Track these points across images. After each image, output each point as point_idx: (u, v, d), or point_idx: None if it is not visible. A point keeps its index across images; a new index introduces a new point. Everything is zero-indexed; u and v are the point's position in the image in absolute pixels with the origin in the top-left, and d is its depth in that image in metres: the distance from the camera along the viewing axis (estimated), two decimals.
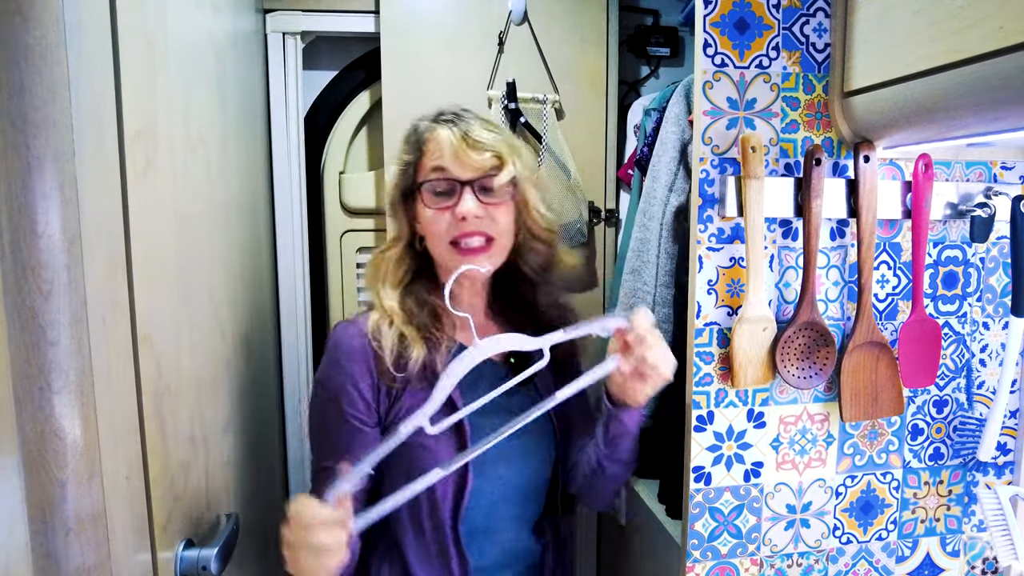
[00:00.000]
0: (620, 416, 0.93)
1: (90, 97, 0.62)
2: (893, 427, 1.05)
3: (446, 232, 0.95)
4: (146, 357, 0.74)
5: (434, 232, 0.96)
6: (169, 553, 0.79)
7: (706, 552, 1.01)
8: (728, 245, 0.97)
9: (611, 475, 0.99)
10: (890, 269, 1.01)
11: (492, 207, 0.95)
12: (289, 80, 1.46)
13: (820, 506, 1.04)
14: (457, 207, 0.93)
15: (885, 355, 0.99)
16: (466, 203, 0.93)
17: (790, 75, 0.95)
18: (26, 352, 0.57)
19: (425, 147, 0.96)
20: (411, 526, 0.96)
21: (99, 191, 0.64)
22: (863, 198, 0.94)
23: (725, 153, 0.95)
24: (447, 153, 0.94)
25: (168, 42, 0.84)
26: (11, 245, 0.56)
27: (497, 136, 0.96)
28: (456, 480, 0.94)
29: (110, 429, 0.64)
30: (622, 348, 0.86)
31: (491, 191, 0.95)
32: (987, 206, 0.98)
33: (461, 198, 0.93)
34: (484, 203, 0.94)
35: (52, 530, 0.59)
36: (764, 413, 1.00)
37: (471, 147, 0.93)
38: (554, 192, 1.48)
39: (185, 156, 0.90)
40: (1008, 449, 1.08)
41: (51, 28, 0.56)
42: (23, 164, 0.56)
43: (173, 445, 0.81)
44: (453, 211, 0.94)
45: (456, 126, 0.95)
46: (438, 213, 0.95)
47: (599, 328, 0.84)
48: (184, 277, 0.88)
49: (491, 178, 0.94)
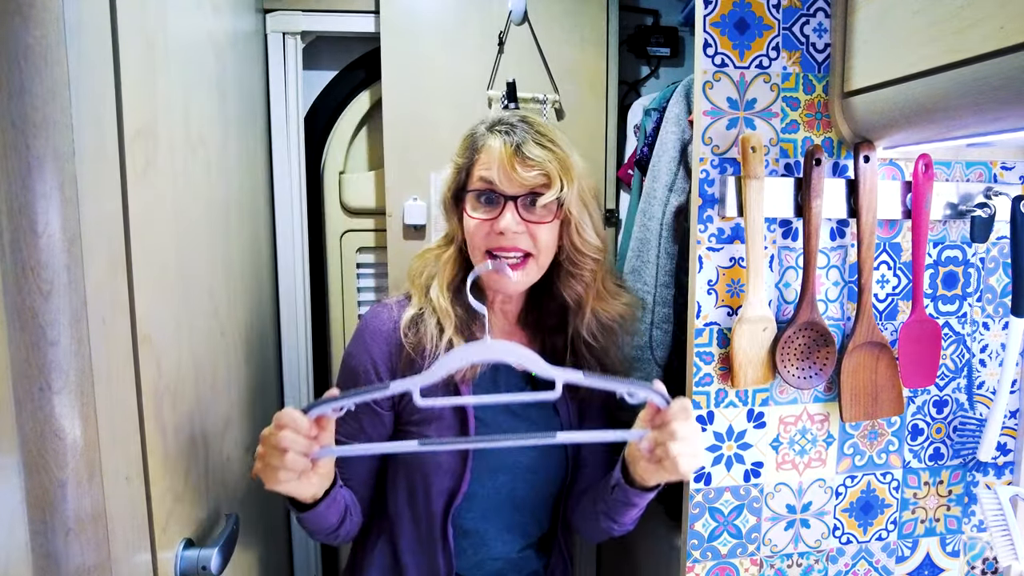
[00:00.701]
0: (627, 490, 0.88)
1: (90, 97, 0.62)
2: (893, 427, 1.05)
3: (484, 241, 0.94)
4: (146, 357, 0.73)
5: (473, 241, 0.95)
6: (169, 553, 0.79)
7: (706, 552, 1.01)
8: (728, 245, 0.97)
9: (605, 528, 0.96)
10: (890, 269, 1.01)
11: (534, 224, 0.92)
12: (289, 80, 1.46)
13: (820, 506, 1.04)
14: (497, 220, 0.92)
15: (885, 355, 0.99)
16: (505, 218, 0.91)
17: (790, 75, 0.95)
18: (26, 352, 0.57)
19: (478, 154, 0.95)
20: (407, 511, 0.98)
21: (99, 191, 0.64)
22: (863, 198, 0.94)
23: (725, 153, 0.95)
24: (495, 165, 0.92)
25: (168, 42, 0.84)
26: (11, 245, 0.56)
27: (550, 153, 0.92)
28: (453, 479, 0.95)
29: (110, 429, 0.64)
30: (651, 421, 0.80)
31: (535, 208, 0.92)
32: (987, 206, 0.98)
33: (503, 212, 0.92)
34: (526, 220, 0.92)
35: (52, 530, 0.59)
36: (764, 413, 1.00)
37: (520, 162, 0.91)
38: None
39: (185, 156, 0.90)
40: (1008, 449, 1.08)
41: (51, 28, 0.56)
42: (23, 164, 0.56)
43: (173, 445, 0.81)
44: (493, 223, 0.93)
45: (510, 137, 0.92)
46: (480, 223, 0.94)
47: (624, 390, 0.77)
48: (184, 277, 0.88)
49: (536, 195, 0.92)
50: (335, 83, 1.58)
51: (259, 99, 1.39)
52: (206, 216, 0.99)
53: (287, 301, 1.51)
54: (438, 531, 0.97)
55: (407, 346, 0.95)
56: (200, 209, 0.96)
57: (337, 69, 1.58)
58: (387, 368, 0.96)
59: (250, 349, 1.22)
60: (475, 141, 0.96)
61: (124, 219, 0.69)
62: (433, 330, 0.95)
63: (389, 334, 0.97)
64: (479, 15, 1.46)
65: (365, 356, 0.97)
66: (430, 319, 0.96)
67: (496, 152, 0.92)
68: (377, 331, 0.98)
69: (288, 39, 1.45)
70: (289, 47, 1.46)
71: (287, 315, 1.51)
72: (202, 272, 0.96)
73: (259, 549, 1.22)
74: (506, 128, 0.94)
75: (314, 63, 1.54)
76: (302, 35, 1.47)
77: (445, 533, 0.96)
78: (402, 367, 0.95)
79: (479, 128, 0.98)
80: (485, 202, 0.94)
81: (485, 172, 0.93)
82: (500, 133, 0.94)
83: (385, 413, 0.97)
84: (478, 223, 0.94)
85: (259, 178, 1.37)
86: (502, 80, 1.46)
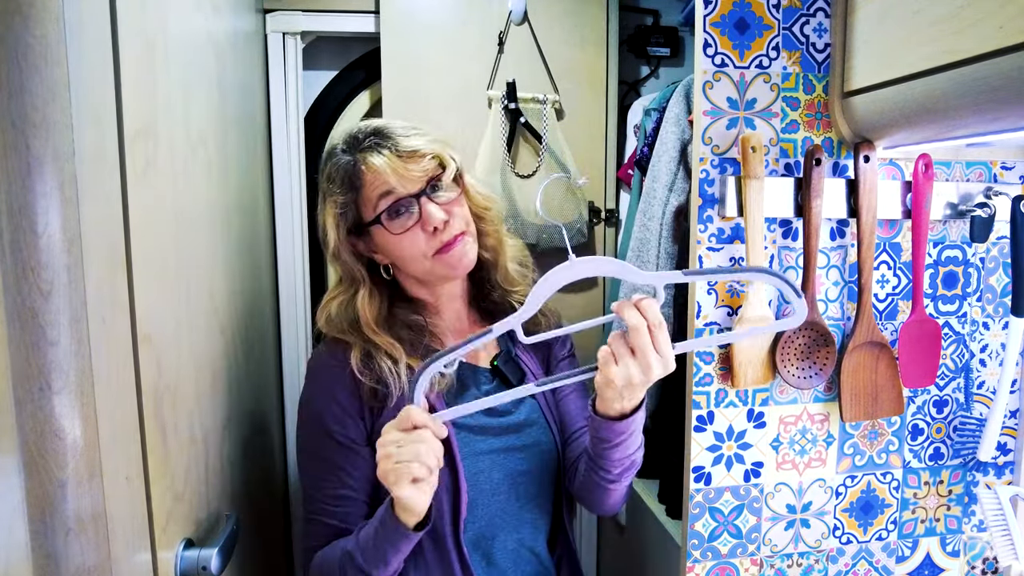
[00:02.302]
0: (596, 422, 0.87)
1: (90, 97, 0.62)
2: (893, 427, 1.05)
3: (427, 247, 0.93)
4: (146, 357, 0.73)
5: (410, 254, 0.94)
6: (169, 553, 0.79)
7: (706, 552, 1.01)
8: (728, 245, 0.97)
9: (598, 483, 0.93)
10: (890, 269, 1.01)
11: (451, 204, 0.94)
12: (289, 80, 1.46)
13: (820, 506, 1.04)
14: (424, 221, 0.92)
15: (885, 355, 0.99)
16: (431, 214, 0.91)
17: (790, 75, 0.95)
18: (26, 352, 0.57)
19: (361, 180, 0.92)
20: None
21: (99, 191, 0.64)
22: (863, 198, 0.94)
23: (725, 153, 0.95)
24: (390, 176, 0.91)
25: (168, 42, 0.84)
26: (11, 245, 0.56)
27: (425, 138, 0.94)
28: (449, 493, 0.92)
29: (110, 429, 0.64)
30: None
31: (441, 192, 0.93)
32: (987, 206, 0.98)
33: (423, 210, 0.91)
34: (444, 205, 0.93)
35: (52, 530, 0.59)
36: (764, 413, 1.00)
37: (408, 159, 0.91)
38: (554, 192, 1.48)
39: (185, 156, 0.90)
40: (1008, 449, 1.08)
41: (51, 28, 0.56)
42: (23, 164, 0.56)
43: (173, 445, 0.81)
44: (422, 226, 0.92)
45: (384, 147, 0.92)
46: (407, 234, 0.92)
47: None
48: (184, 277, 0.88)
49: (439, 180, 0.93)
50: (335, 83, 1.58)
51: (259, 99, 1.39)
52: (206, 216, 0.99)
53: (287, 301, 1.51)
54: (452, 551, 0.92)
55: (367, 381, 0.92)
56: (200, 209, 0.96)
57: (337, 69, 1.58)
58: (352, 402, 0.93)
59: (250, 349, 1.22)
60: (346, 173, 0.93)
61: (124, 219, 0.70)
62: (387, 364, 0.93)
63: (344, 372, 0.93)
64: (479, 15, 1.46)
65: (326, 395, 0.94)
66: (377, 354, 0.93)
67: (383, 165, 0.91)
68: (330, 369, 0.95)
69: (288, 39, 1.45)
70: (289, 47, 1.46)
71: (287, 315, 1.51)
72: (202, 272, 0.96)
73: (259, 549, 1.22)
74: (372, 142, 0.93)
75: (314, 63, 1.54)
76: (302, 35, 1.47)
77: (459, 547, 0.92)
78: (367, 400, 0.93)
79: (340, 159, 0.94)
80: (398, 215, 0.92)
81: (382, 188, 0.91)
82: (372, 149, 0.92)
83: (360, 448, 0.93)
84: (406, 235, 0.92)
85: (259, 178, 1.38)
86: (502, 80, 1.46)
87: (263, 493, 1.27)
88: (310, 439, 0.96)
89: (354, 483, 0.93)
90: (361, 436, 0.94)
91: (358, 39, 1.52)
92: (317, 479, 0.94)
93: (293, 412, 1.52)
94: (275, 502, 1.39)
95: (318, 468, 0.94)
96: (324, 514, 0.92)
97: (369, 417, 0.94)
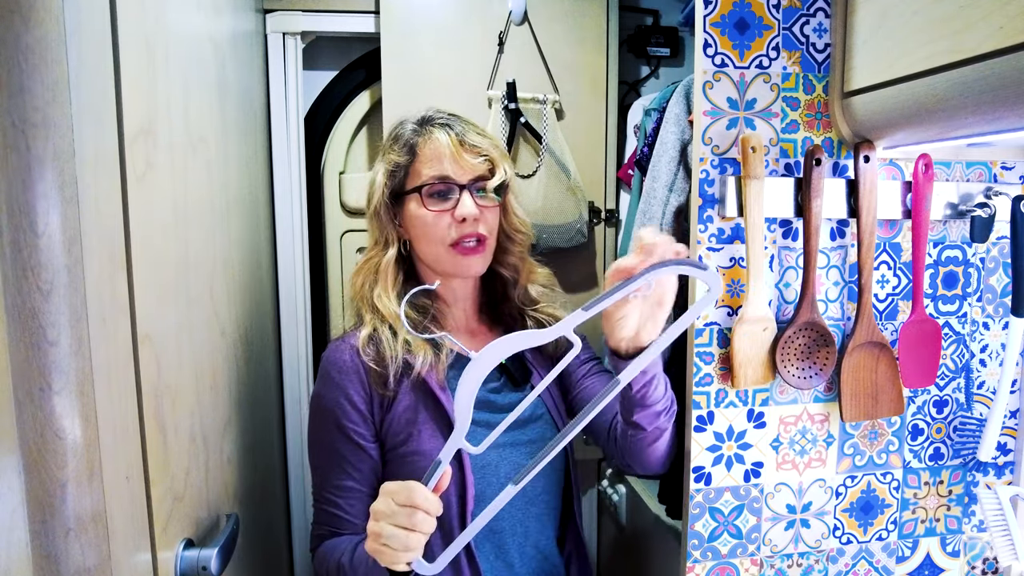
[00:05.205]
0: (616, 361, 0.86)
1: (90, 97, 0.62)
2: (893, 427, 1.05)
3: (446, 234, 0.96)
4: (146, 357, 0.74)
5: (432, 235, 0.97)
6: (169, 553, 0.79)
7: (706, 552, 1.01)
8: (728, 245, 0.97)
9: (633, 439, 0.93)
10: (890, 269, 1.01)
11: (486, 209, 0.98)
12: (289, 80, 1.46)
13: (820, 506, 1.04)
14: (457, 209, 0.95)
15: (885, 355, 0.99)
16: (466, 205, 0.95)
17: (790, 75, 0.95)
18: (26, 352, 0.57)
19: (420, 150, 0.97)
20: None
21: (99, 191, 0.64)
22: (863, 198, 0.94)
23: (725, 153, 0.95)
24: (446, 156, 0.95)
25: (168, 42, 0.84)
26: (11, 245, 0.56)
27: (489, 141, 0.99)
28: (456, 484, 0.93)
29: (110, 429, 0.64)
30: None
31: (485, 194, 0.98)
32: (987, 206, 0.98)
33: (460, 200, 0.95)
34: (480, 206, 0.97)
35: (52, 530, 0.59)
36: (764, 413, 1.00)
37: (468, 151, 0.96)
38: (554, 192, 1.48)
39: (185, 156, 0.90)
40: (1008, 449, 1.08)
41: (51, 28, 0.56)
42: (23, 164, 0.56)
43: (173, 445, 0.81)
44: (452, 213, 0.95)
45: (452, 130, 0.97)
46: (437, 215, 0.95)
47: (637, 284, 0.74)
48: (184, 277, 0.88)
49: (485, 181, 0.97)
50: (335, 83, 1.58)
51: (259, 99, 1.39)
52: (206, 216, 0.99)
53: (287, 301, 1.51)
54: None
55: (372, 364, 0.95)
56: (200, 209, 0.96)
57: (337, 69, 1.58)
58: (362, 397, 0.96)
59: (250, 349, 1.22)
60: (410, 139, 0.98)
61: (124, 219, 0.70)
62: (388, 337, 0.96)
63: (353, 363, 0.97)
64: (479, 15, 1.46)
65: (337, 391, 0.96)
66: (383, 330, 0.97)
67: (444, 144, 0.95)
68: (341, 364, 0.97)
69: (288, 39, 1.45)
70: (289, 47, 1.46)
71: (287, 315, 1.51)
72: (202, 272, 0.96)
73: (259, 549, 1.22)
74: (444, 121, 0.98)
75: (314, 63, 1.54)
76: (302, 35, 1.47)
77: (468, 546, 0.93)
78: (376, 388, 0.96)
79: (407, 126, 1.00)
80: (438, 195, 0.96)
81: (434, 164, 0.96)
82: (441, 126, 0.97)
83: (369, 445, 0.96)
84: (435, 216, 0.96)
85: (259, 178, 1.37)
86: (502, 80, 1.46)
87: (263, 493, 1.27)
88: (320, 430, 0.98)
89: (359, 476, 0.96)
90: (370, 432, 0.97)
91: (358, 39, 1.52)
92: (324, 468, 0.98)
93: (293, 412, 1.52)
94: (275, 502, 1.39)
95: (326, 458, 0.97)
96: (328, 502, 0.96)
97: (379, 411, 0.96)
